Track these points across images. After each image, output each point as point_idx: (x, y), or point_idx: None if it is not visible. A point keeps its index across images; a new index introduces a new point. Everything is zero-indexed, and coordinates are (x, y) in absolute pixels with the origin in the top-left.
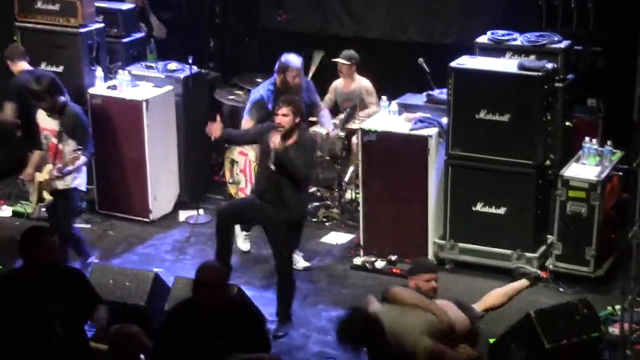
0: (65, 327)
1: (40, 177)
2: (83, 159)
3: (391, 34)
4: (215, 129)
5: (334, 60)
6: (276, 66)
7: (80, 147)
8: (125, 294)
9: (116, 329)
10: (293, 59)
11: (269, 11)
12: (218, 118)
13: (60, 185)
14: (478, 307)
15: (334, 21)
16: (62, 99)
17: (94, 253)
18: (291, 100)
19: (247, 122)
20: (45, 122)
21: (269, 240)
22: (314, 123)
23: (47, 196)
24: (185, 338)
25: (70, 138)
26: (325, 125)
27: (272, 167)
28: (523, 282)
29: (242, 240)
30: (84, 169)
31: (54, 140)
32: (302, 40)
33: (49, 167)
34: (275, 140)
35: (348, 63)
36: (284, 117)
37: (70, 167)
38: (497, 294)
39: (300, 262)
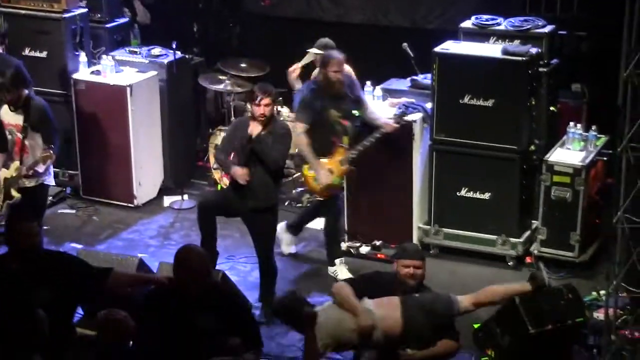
0: (51, 313)
1: (7, 173)
2: (53, 156)
3: (373, 17)
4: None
5: (307, 50)
6: (318, 61)
7: (48, 143)
8: None
9: (104, 314)
10: (334, 53)
11: None
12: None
13: (28, 182)
14: (469, 299)
15: (315, 5)
16: (26, 91)
17: None
18: (270, 90)
19: (300, 126)
20: (9, 117)
21: (248, 229)
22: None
23: (15, 194)
24: (166, 319)
25: (36, 132)
26: (380, 121)
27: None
28: (524, 286)
29: (285, 244)
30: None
31: (19, 135)
32: (286, 25)
33: (16, 164)
34: (254, 130)
35: (322, 52)
36: (266, 107)
37: (42, 167)
38: (495, 292)
39: (286, 247)
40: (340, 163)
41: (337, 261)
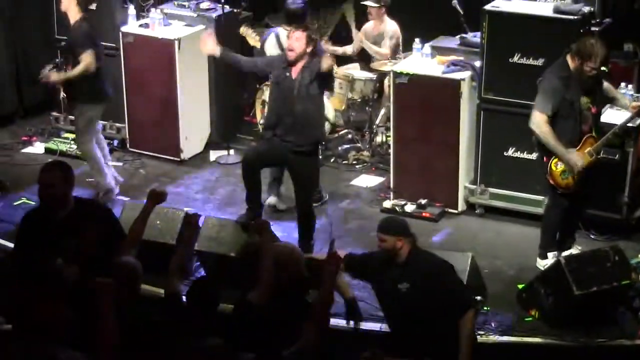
0: (82, 264)
1: None
2: None
3: None
4: (206, 42)
5: (362, 2)
6: (573, 48)
7: None
8: (156, 232)
9: (117, 262)
10: (598, 46)
11: None
12: (211, 31)
13: None
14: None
15: None
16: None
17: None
18: (305, 27)
19: (540, 116)
20: None
21: (290, 173)
22: None
23: None
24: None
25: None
26: (622, 102)
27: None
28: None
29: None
30: None
31: None
32: None
33: None
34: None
35: (377, 6)
36: (297, 41)
37: None
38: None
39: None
40: (589, 154)
41: (550, 254)
